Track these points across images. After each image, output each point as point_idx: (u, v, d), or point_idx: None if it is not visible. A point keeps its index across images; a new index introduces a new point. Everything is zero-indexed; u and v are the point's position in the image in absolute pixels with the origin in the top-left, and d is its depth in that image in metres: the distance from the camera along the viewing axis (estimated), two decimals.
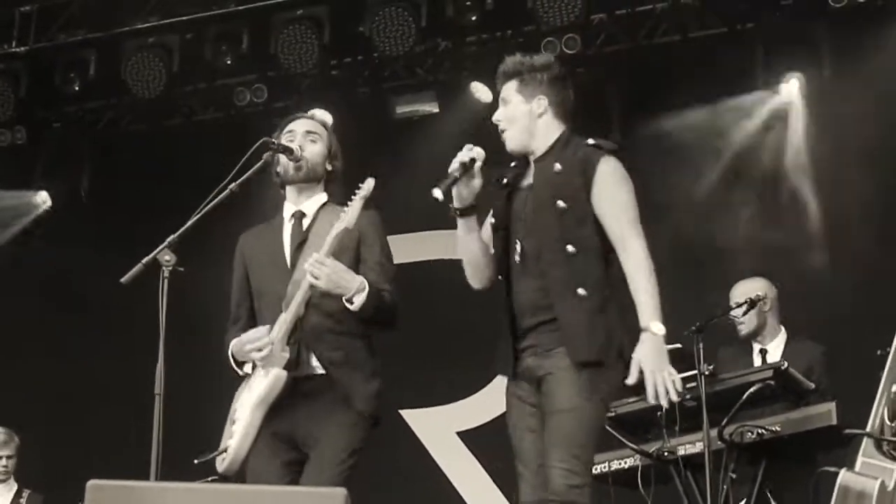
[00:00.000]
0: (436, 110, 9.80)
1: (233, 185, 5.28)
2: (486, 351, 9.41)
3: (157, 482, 4.58)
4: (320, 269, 4.98)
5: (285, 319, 5.09)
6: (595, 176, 4.88)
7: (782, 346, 7.48)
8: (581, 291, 4.77)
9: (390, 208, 5.92)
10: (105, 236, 10.29)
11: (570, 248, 4.82)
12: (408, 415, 9.48)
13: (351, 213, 5.04)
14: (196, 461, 5.23)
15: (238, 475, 5.14)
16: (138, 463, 4.96)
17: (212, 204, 5.31)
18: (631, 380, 4.75)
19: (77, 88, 10.09)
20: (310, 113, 5.58)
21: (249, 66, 9.90)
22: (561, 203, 4.85)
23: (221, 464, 5.13)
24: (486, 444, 9.48)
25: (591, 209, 4.86)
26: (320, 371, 5.11)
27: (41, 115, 10.48)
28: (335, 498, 4.00)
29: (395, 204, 5.34)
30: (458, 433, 9.60)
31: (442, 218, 9.54)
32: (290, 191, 5.41)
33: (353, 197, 5.10)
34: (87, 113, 10.49)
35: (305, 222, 5.32)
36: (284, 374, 5.05)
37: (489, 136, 9.38)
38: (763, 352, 7.51)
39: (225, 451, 5.10)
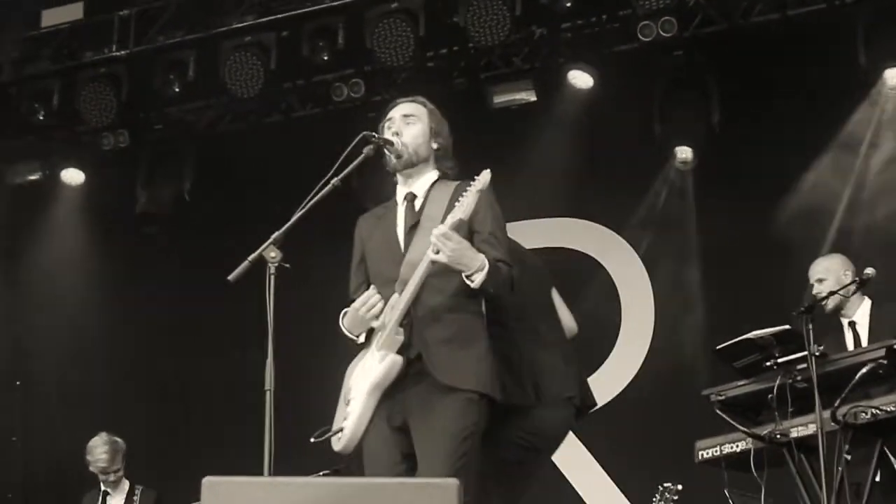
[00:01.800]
0: (533, 98, 9.74)
1: (335, 179, 5.29)
2: (592, 339, 9.48)
3: (271, 477, 4.61)
4: (445, 244, 4.95)
5: (399, 302, 5.06)
6: None
7: (868, 316, 7.46)
8: None
9: None
10: (208, 235, 10.39)
11: None
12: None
13: (466, 204, 5.00)
14: (312, 440, 5.24)
15: (356, 456, 5.13)
16: (249, 458, 5.01)
17: (314, 199, 5.34)
18: None
19: (177, 90, 10.19)
20: (409, 98, 5.55)
21: (346, 61, 9.93)
22: None
23: (338, 443, 5.11)
24: (595, 430, 9.40)
25: None
26: (433, 351, 5.05)
27: (143, 117, 10.61)
28: (447, 489, 3.99)
29: (496, 194, 5.29)
30: None
31: (543, 207, 9.62)
32: (400, 175, 5.38)
33: (468, 188, 5.06)
34: (187, 114, 10.60)
35: (417, 203, 5.28)
36: (400, 359, 5.02)
37: (587, 124, 9.43)
38: (852, 324, 7.51)
39: (340, 430, 5.09)
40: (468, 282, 5.00)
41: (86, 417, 10.43)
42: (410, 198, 5.31)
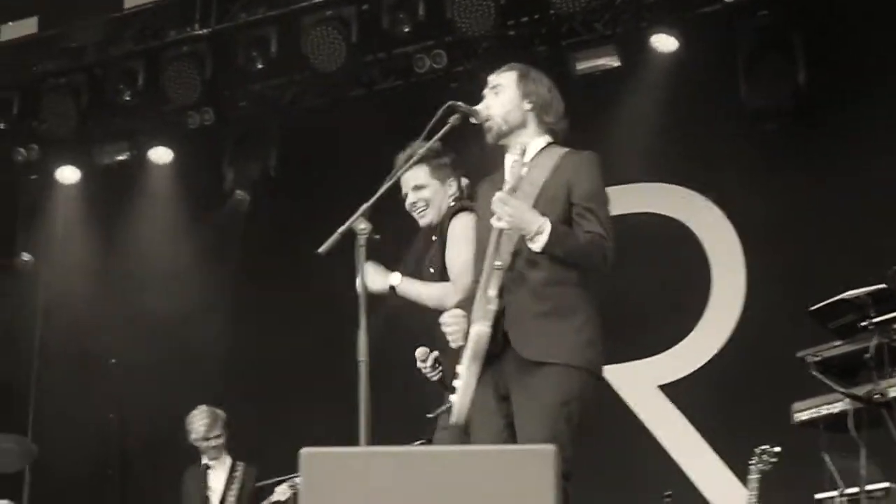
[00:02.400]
0: (617, 64, 9.68)
1: (421, 150, 5.30)
2: (684, 304, 9.43)
3: (369, 447, 4.63)
4: (501, 209, 4.94)
5: (491, 271, 5.03)
6: None
7: None
8: None
9: None
10: (297, 210, 10.44)
11: None
12: (608, 371, 9.35)
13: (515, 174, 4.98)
14: (428, 416, 5.26)
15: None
16: (345, 430, 5.03)
17: (403, 171, 5.35)
18: None
19: (260, 66, 10.22)
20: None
21: (427, 32, 9.90)
22: None
23: (452, 417, 5.09)
24: (689, 396, 9.40)
25: None
26: (523, 326, 5.03)
27: (227, 95, 10.67)
28: (545, 455, 3.98)
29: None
30: (660, 387, 9.51)
31: (632, 172, 9.57)
32: (504, 144, 5.34)
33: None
34: (270, 90, 10.64)
35: (523, 171, 5.19)
36: (486, 331, 4.98)
37: (673, 88, 9.35)
38: None
39: (450, 406, 5.10)
40: (530, 245, 4.97)
41: (180, 393, 10.55)
42: (517, 166, 5.22)
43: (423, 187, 6.05)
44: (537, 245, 4.95)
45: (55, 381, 11.47)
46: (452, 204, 6.02)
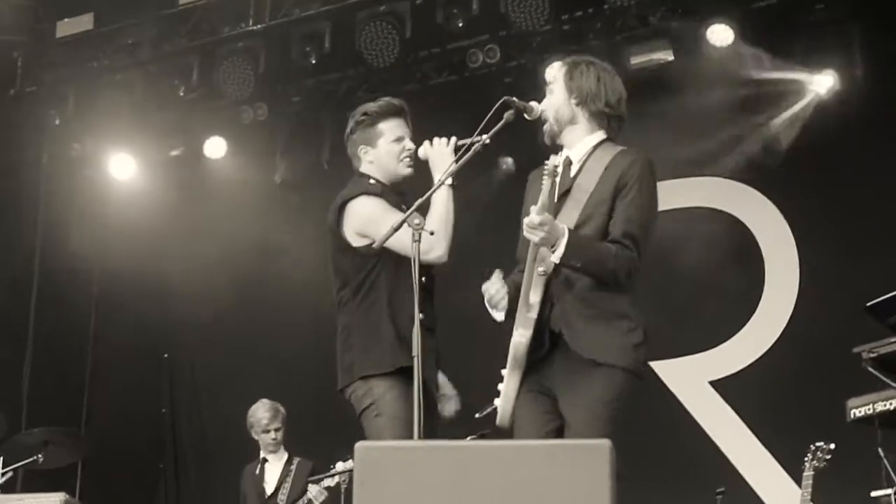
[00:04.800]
0: (671, 58, 9.65)
1: (476, 145, 5.30)
2: (736, 299, 9.39)
3: (422, 441, 4.64)
4: (533, 233, 4.88)
5: (528, 276, 5.01)
6: None
7: None
8: None
9: None
10: None
11: None
12: (658, 366, 9.38)
13: (543, 194, 4.92)
14: (477, 416, 5.26)
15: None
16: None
17: (456, 166, 5.35)
18: None
19: (314, 62, 10.26)
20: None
21: (481, 27, 9.89)
22: None
23: (497, 420, 5.10)
24: (741, 392, 9.36)
25: None
26: (575, 328, 5.00)
27: (281, 90, 10.71)
28: (600, 450, 3.98)
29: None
30: (711, 382, 9.48)
31: (687, 166, 9.53)
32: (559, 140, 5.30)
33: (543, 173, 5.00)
34: (324, 85, 10.67)
35: (573, 170, 5.18)
36: (523, 341, 4.95)
37: (726, 81, 9.30)
38: None
39: (495, 407, 5.09)
40: (551, 258, 4.94)
41: (231, 389, 10.61)
42: (567, 163, 5.20)
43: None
44: (555, 257, 4.93)
45: (109, 375, 11.55)
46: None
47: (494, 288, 5.08)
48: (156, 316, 11.40)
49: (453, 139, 5.55)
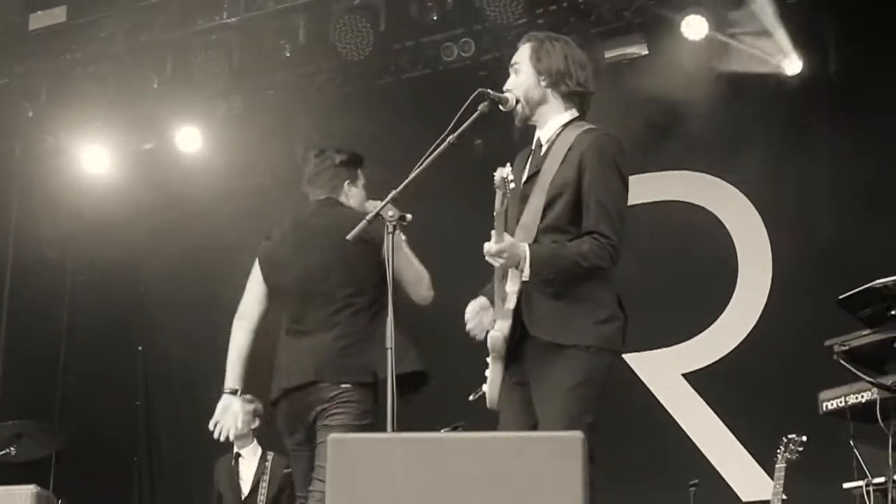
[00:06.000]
0: (645, 52, 9.68)
1: (451, 137, 5.29)
2: (709, 292, 9.42)
3: (395, 433, 4.65)
4: (496, 261, 4.87)
5: (511, 271, 5.00)
6: None
7: None
8: None
9: None
10: None
11: None
12: (631, 359, 9.41)
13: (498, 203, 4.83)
14: (470, 398, 5.26)
15: None
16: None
17: (430, 158, 5.35)
18: None
19: (288, 55, 10.24)
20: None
21: (455, 20, 9.93)
22: None
23: (487, 403, 5.08)
24: (713, 384, 9.40)
25: None
26: (537, 312, 4.98)
27: (255, 83, 10.69)
28: (572, 442, 3.99)
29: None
30: (684, 375, 9.51)
31: (660, 160, 9.56)
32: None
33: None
34: (299, 78, 10.65)
35: (542, 150, 5.17)
36: (499, 335, 4.95)
37: (701, 77, 9.33)
38: None
39: (483, 392, 5.09)
40: (522, 277, 4.93)
41: (204, 382, 10.57)
42: (537, 145, 5.22)
43: None
44: (524, 276, 4.92)
45: (82, 367, 11.53)
46: None
47: (473, 324, 5.12)
48: (130, 308, 11.39)
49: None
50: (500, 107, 5.22)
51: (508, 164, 4.84)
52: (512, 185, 4.72)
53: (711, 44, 9.40)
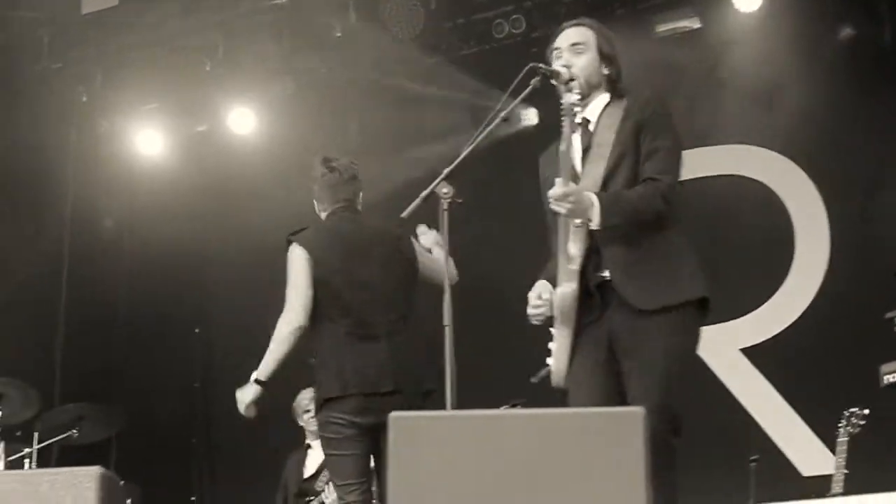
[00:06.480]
0: (697, 25, 9.61)
1: (503, 112, 5.28)
2: (767, 266, 9.34)
3: (457, 411, 4.64)
4: (561, 206, 4.86)
5: (573, 230, 4.97)
6: None
7: None
8: None
9: None
10: (375, 174, 10.41)
11: None
12: None
13: (566, 136, 4.91)
14: (532, 380, 5.25)
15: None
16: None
17: (483, 133, 5.33)
18: None
19: (339, 34, 10.24)
20: (575, 21, 5.48)
21: None
22: None
23: (552, 380, 5.07)
24: (772, 359, 9.33)
25: None
26: (624, 274, 4.95)
27: (306, 63, 10.68)
28: (634, 418, 3.96)
29: None
30: (742, 350, 9.45)
31: (716, 134, 9.48)
32: None
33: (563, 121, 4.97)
34: (349, 57, 10.62)
35: (591, 128, 5.18)
36: (568, 291, 4.92)
37: (750, 47, 9.24)
38: None
39: (548, 368, 5.07)
40: (590, 225, 4.91)
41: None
42: (584, 123, 5.21)
43: None
44: (594, 224, 4.90)
45: (141, 349, 11.58)
46: None
47: (539, 310, 5.08)
48: (186, 290, 11.43)
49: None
50: (552, 81, 5.21)
51: (576, 90, 5.01)
52: (577, 110, 4.87)
53: (765, 15, 9.30)
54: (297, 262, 6.54)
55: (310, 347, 6.46)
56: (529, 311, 5.10)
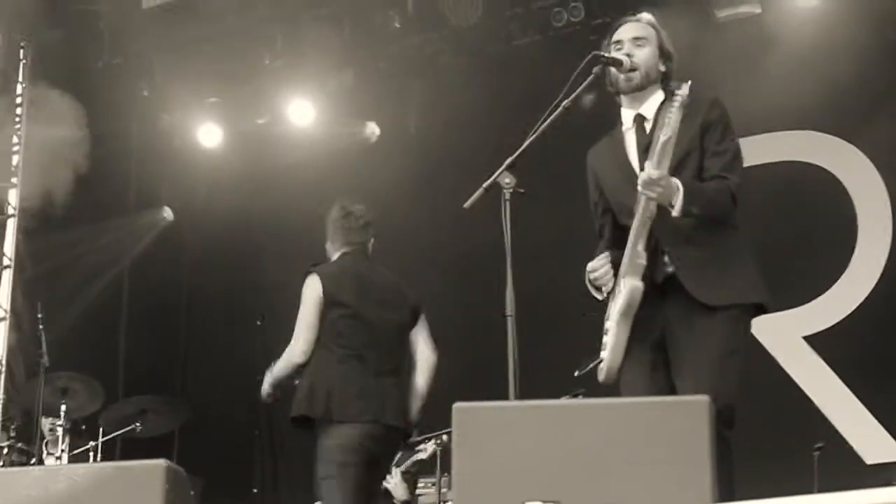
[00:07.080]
0: (758, 10, 9.54)
1: (565, 101, 5.26)
2: (829, 253, 9.28)
3: (520, 401, 4.64)
4: (652, 190, 4.87)
5: (638, 225, 4.97)
6: None
7: None
8: None
9: None
10: (435, 166, 10.44)
11: None
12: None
13: (671, 123, 4.90)
14: (577, 373, 5.25)
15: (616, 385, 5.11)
16: (495, 387, 5.03)
17: (545, 123, 5.32)
18: None
19: (398, 25, 10.26)
20: (636, 16, 5.47)
21: None
22: None
23: (600, 374, 5.09)
24: (835, 347, 9.26)
25: None
26: (689, 270, 4.98)
27: (365, 55, 10.70)
28: (699, 407, 3.95)
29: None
30: (805, 338, 9.39)
31: (779, 120, 9.41)
32: (625, 98, 5.31)
33: (672, 106, 4.96)
34: (408, 49, 10.65)
35: (647, 126, 5.20)
36: (640, 285, 4.94)
37: (817, 34, 9.17)
38: None
39: (601, 361, 5.07)
40: (671, 210, 4.92)
41: None
42: (639, 120, 5.23)
43: None
44: (676, 210, 4.90)
45: (204, 341, 11.65)
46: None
47: (603, 269, 5.11)
48: (249, 282, 11.48)
49: None
50: (614, 69, 5.21)
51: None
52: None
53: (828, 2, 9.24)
54: (311, 294, 7.01)
55: None
56: (593, 275, 5.14)
